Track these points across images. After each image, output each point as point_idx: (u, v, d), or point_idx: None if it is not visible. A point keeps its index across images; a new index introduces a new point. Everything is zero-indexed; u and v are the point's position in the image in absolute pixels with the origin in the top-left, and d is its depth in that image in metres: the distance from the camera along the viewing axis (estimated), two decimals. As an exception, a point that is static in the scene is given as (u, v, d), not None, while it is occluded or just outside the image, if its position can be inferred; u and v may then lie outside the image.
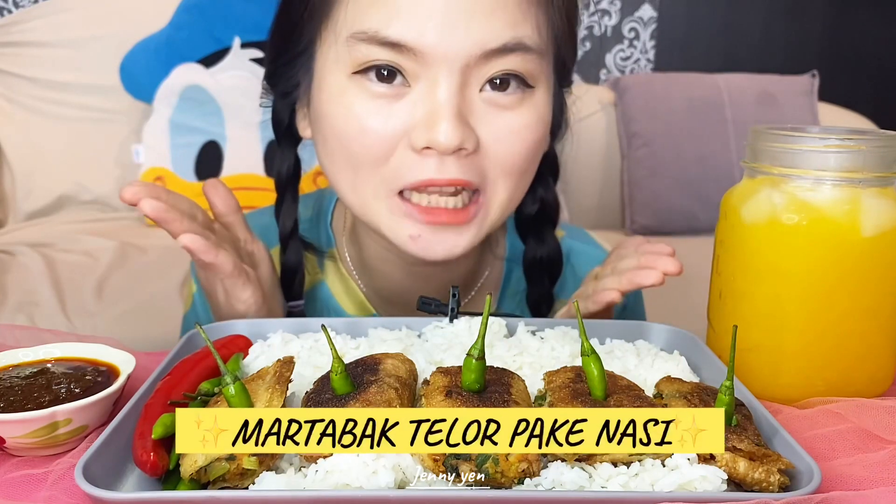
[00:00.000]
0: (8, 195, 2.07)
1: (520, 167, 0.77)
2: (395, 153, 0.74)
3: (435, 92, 0.71)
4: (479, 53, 0.71)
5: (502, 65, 0.72)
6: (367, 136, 0.73)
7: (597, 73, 2.75)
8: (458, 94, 0.71)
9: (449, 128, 0.70)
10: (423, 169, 0.73)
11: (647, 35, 2.75)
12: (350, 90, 0.74)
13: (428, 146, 0.71)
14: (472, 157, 0.74)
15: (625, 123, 2.38)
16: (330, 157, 0.78)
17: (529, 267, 0.94)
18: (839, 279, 0.65)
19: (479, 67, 0.72)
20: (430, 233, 0.76)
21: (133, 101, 2.06)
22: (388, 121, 0.73)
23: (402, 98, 0.73)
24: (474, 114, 0.73)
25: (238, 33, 2.01)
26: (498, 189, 0.77)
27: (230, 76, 2.00)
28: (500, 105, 0.74)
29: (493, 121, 0.74)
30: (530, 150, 0.76)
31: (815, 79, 2.44)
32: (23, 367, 0.62)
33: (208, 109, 2.00)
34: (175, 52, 2.01)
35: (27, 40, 2.08)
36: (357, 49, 0.72)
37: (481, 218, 0.78)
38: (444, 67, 0.71)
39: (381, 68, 0.72)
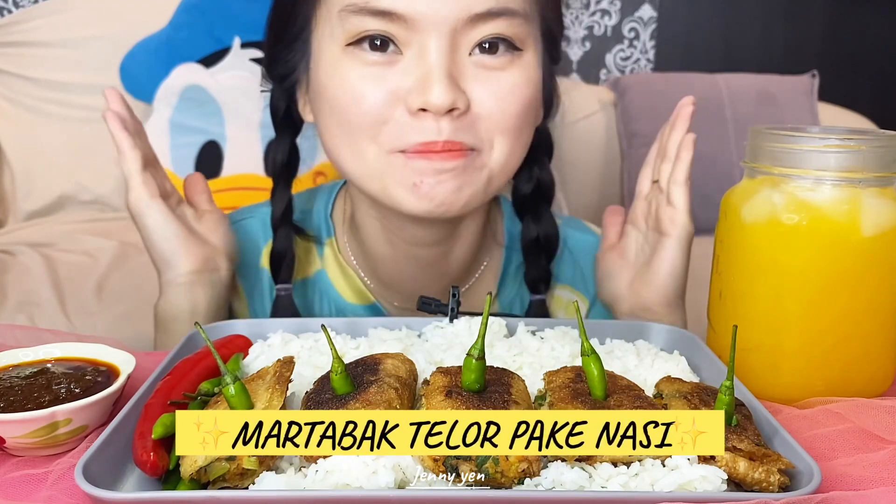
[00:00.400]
0: (8, 195, 2.07)
1: (513, 126, 0.79)
2: (392, 118, 0.76)
3: (426, 56, 0.74)
4: (466, 17, 0.74)
5: (489, 29, 0.75)
6: (362, 103, 0.76)
7: (597, 73, 2.75)
8: (447, 57, 0.74)
9: (441, 88, 0.73)
10: (421, 131, 0.75)
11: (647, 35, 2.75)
12: (345, 61, 0.77)
13: (422, 108, 0.74)
14: (466, 119, 0.76)
15: (625, 123, 2.38)
16: (329, 131, 0.81)
17: (527, 246, 0.95)
18: (839, 279, 0.65)
19: (467, 31, 0.75)
20: (430, 175, 0.76)
21: (133, 101, 2.06)
22: (381, 86, 0.75)
23: (395, 65, 0.76)
24: (465, 76, 0.76)
25: (238, 33, 2.01)
26: (494, 148, 0.79)
27: (230, 76, 2.00)
28: (489, 66, 0.77)
29: (483, 82, 0.76)
30: (521, 109, 0.79)
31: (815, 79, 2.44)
32: (23, 367, 0.62)
33: (208, 109, 2.00)
34: (175, 52, 2.01)
35: (27, 40, 2.07)
36: (349, 21, 0.75)
37: (477, 168, 0.79)
38: (433, 32, 0.74)
39: (373, 38, 0.75)
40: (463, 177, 0.78)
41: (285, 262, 0.91)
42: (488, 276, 0.98)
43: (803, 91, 2.42)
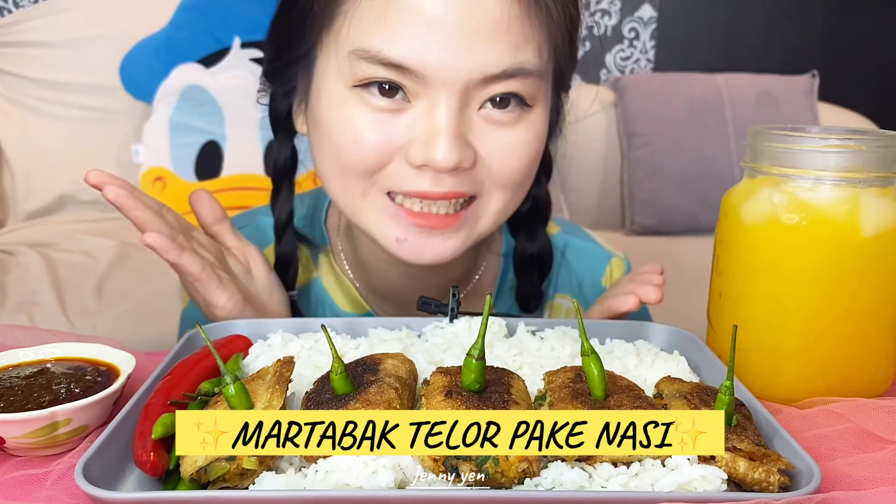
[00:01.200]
0: (8, 195, 2.07)
1: (515, 181, 0.78)
2: (390, 165, 0.75)
3: (434, 112, 0.72)
4: (480, 78, 0.72)
5: (502, 87, 0.73)
6: (362, 147, 0.74)
7: (597, 73, 2.75)
8: (457, 114, 0.72)
9: (447, 148, 0.71)
10: (419, 182, 0.74)
11: (647, 35, 2.75)
12: (350, 101, 0.74)
13: (425, 164, 0.72)
14: (469, 171, 0.75)
15: (625, 123, 2.38)
16: (323, 161, 0.79)
17: (519, 262, 0.95)
18: (839, 279, 0.65)
19: (479, 90, 0.73)
20: (416, 236, 0.76)
21: (133, 101, 2.06)
22: (385, 134, 0.73)
23: (402, 113, 0.73)
24: (472, 131, 0.74)
25: (238, 33, 2.01)
26: (492, 199, 0.78)
27: (230, 76, 2.00)
28: (497, 122, 0.75)
29: (490, 137, 0.75)
30: (526, 165, 0.78)
31: (815, 79, 2.44)
32: (23, 367, 0.62)
33: (208, 109, 2.00)
34: (175, 52, 2.01)
35: (27, 40, 2.08)
36: (358, 66, 0.73)
37: (471, 224, 0.79)
38: (445, 89, 0.71)
39: (382, 83, 0.73)
40: (455, 237, 0.77)
41: (291, 269, 0.90)
42: (484, 285, 0.97)
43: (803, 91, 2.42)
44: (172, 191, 1.99)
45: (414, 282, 0.90)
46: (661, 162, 2.33)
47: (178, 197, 1.99)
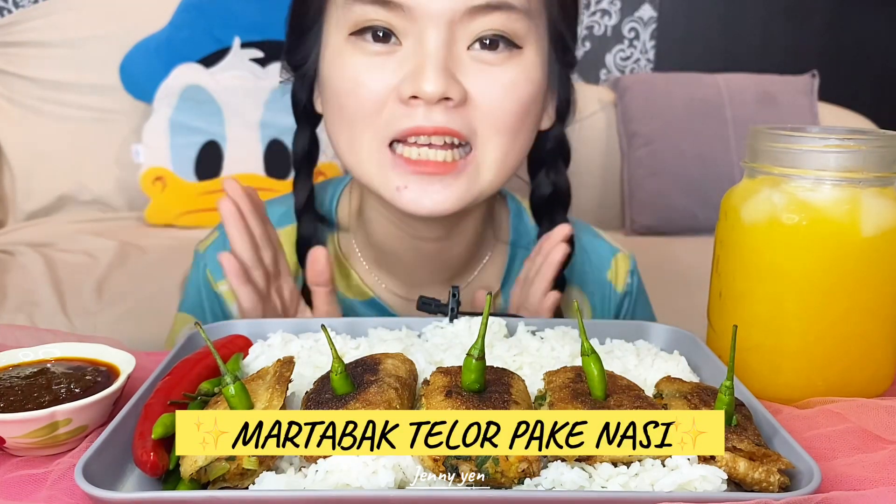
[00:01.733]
0: (8, 195, 2.07)
1: (509, 124, 0.79)
2: (387, 107, 0.77)
3: (423, 47, 0.75)
4: (464, 9, 0.74)
5: (488, 23, 0.76)
6: (360, 91, 0.77)
7: (597, 73, 2.75)
8: (444, 48, 0.75)
9: (433, 76, 0.73)
10: (411, 118, 0.76)
11: (647, 35, 2.75)
12: (347, 50, 0.78)
13: (414, 95, 0.74)
14: (461, 110, 0.76)
15: (625, 123, 2.38)
16: (331, 119, 0.83)
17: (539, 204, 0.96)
18: (839, 279, 0.65)
19: (465, 24, 0.75)
20: (416, 184, 0.78)
21: (133, 101, 2.06)
22: (380, 75, 0.77)
23: (394, 55, 0.77)
24: (461, 68, 0.76)
25: (238, 33, 2.01)
26: (489, 146, 0.79)
27: (230, 76, 2.00)
28: (486, 61, 0.77)
29: (479, 75, 0.77)
30: (518, 107, 0.79)
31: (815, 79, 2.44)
32: (23, 367, 0.62)
33: (208, 109, 2.00)
34: (175, 52, 2.01)
35: (27, 40, 2.07)
36: (352, 10, 0.77)
37: (471, 173, 0.79)
38: (431, 23, 0.74)
39: (376, 29, 0.77)
40: (454, 186, 0.78)
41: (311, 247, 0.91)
42: (491, 271, 0.98)
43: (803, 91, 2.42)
44: (172, 191, 1.99)
45: (423, 260, 0.92)
46: (661, 162, 2.32)
47: (178, 197, 1.99)
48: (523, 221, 0.99)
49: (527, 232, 0.99)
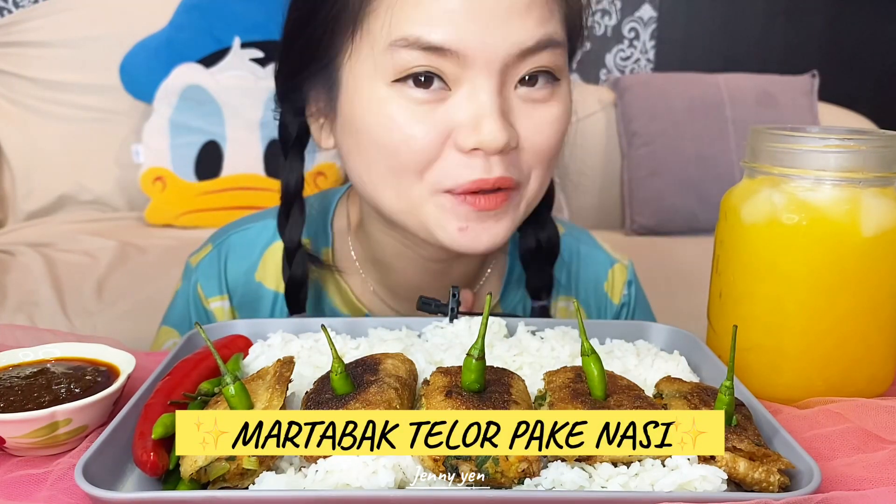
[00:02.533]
0: (8, 195, 2.07)
1: (551, 158, 0.80)
2: (441, 157, 0.74)
3: (477, 94, 0.73)
4: (517, 53, 0.73)
5: (535, 62, 0.75)
6: (412, 144, 0.73)
7: (597, 73, 2.75)
8: (498, 94, 0.73)
9: (496, 128, 0.71)
10: (472, 170, 0.74)
11: (647, 35, 2.75)
12: (391, 99, 0.74)
13: (476, 147, 0.72)
14: (514, 153, 0.76)
15: (625, 123, 2.38)
16: (368, 168, 0.78)
17: (526, 253, 0.95)
18: (839, 279, 0.64)
19: (516, 66, 0.74)
20: (475, 222, 0.77)
21: (133, 101, 2.06)
22: (432, 125, 0.73)
23: (444, 102, 0.74)
24: (513, 111, 0.75)
25: (238, 33, 2.01)
26: (532, 180, 0.79)
27: (230, 76, 2.00)
28: (533, 100, 0.76)
29: (529, 116, 0.76)
30: (560, 139, 0.79)
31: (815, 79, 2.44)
32: (23, 367, 0.62)
33: (208, 109, 2.00)
34: (175, 52, 2.01)
35: (27, 40, 2.08)
36: (399, 55, 0.72)
37: (515, 206, 0.79)
38: (485, 69, 0.72)
39: (418, 75, 0.73)
40: (505, 218, 0.78)
41: (303, 291, 0.89)
42: (493, 280, 0.97)
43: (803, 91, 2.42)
44: (172, 191, 1.99)
45: (433, 277, 0.90)
46: (661, 162, 2.33)
47: (178, 197, 1.99)
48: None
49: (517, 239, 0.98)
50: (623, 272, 1.02)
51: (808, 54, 2.81)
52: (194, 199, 1.99)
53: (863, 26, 2.84)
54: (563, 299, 0.99)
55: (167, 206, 1.99)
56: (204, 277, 0.94)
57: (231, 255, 0.95)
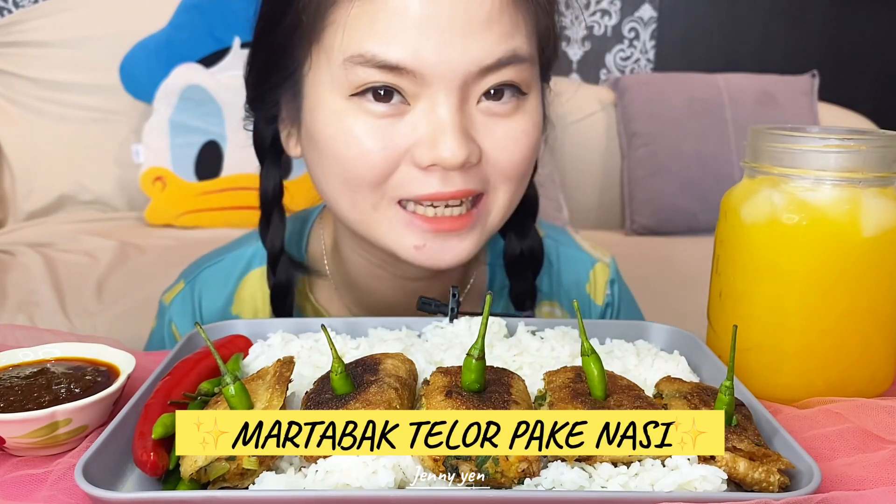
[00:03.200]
0: (8, 195, 2.07)
1: (519, 172, 0.78)
2: (398, 171, 0.74)
3: (436, 110, 0.72)
4: (476, 70, 0.71)
5: (498, 77, 0.73)
6: (368, 157, 0.73)
7: (597, 73, 2.75)
8: (458, 110, 0.72)
9: (454, 145, 0.70)
10: (428, 184, 0.73)
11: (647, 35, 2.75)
12: (349, 112, 0.73)
13: (434, 163, 0.72)
14: (476, 168, 0.75)
15: (625, 123, 2.38)
16: (327, 178, 0.78)
17: (511, 262, 0.93)
18: (839, 279, 0.65)
19: (476, 83, 0.73)
20: (434, 241, 0.76)
21: (133, 101, 2.06)
22: (389, 140, 0.72)
23: (402, 117, 0.73)
24: (474, 126, 0.74)
25: (238, 33, 2.01)
26: (499, 194, 0.78)
27: (230, 76, 2.00)
28: (496, 114, 0.75)
29: (492, 130, 0.74)
30: (528, 155, 0.77)
31: (815, 79, 2.44)
32: (23, 367, 0.62)
33: (208, 109, 2.00)
34: (175, 52, 2.01)
35: (27, 40, 2.08)
36: (354, 72, 0.72)
37: (483, 222, 0.78)
38: (444, 86, 0.71)
39: (377, 89, 0.72)
40: (470, 237, 0.77)
41: (289, 298, 0.88)
42: (473, 294, 0.96)
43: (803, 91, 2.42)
44: (172, 191, 1.99)
45: (408, 297, 0.89)
46: (661, 162, 2.33)
47: (178, 197, 1.99)
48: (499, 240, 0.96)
49: (499, 250, 0.97)
50: (605, 271, 1.01)
51: (808, 54, 2.81)
52: (194, 199, 1.99)
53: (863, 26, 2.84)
54: (546, 304, 0.98)
55: (167, 206, 1.99)
56: (178, 316, 0.92)
57: (205, 291, 0.93)
